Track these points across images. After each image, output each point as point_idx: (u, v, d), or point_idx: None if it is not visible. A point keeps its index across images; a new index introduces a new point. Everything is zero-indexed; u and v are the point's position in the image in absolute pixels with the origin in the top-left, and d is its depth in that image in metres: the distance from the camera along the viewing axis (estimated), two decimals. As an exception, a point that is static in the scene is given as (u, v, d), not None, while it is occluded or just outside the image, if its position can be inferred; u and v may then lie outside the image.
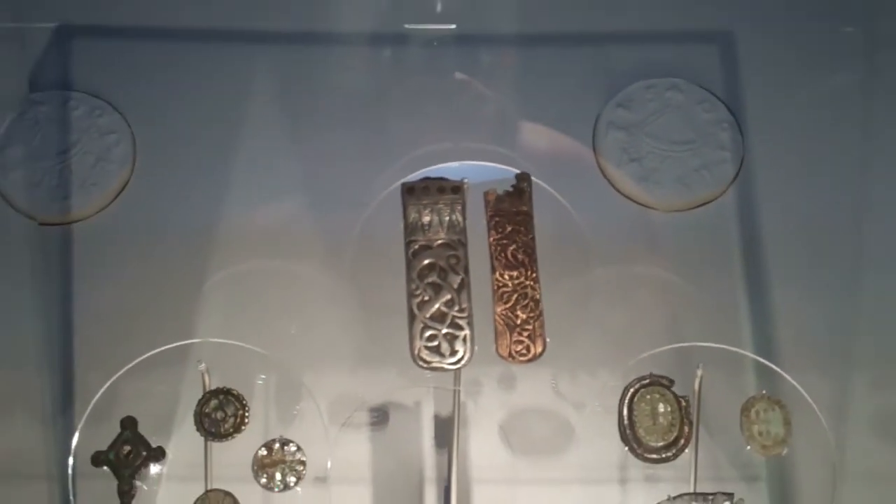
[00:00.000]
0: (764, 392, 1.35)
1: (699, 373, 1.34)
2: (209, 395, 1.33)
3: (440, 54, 1.72)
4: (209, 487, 1.33)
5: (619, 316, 1.61)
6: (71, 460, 1.36)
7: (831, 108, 1.72)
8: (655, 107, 1.64)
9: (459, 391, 1.36)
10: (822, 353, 1.54)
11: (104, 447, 1.38)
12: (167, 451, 1.36)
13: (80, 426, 1.35)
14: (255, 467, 1.33)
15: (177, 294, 1.61)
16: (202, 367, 1.35)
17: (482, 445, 1.72)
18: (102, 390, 1.35)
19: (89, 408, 1.34)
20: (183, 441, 1.46)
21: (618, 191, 1.64)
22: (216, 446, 1.35)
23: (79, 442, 1.38)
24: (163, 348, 1.35)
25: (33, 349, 1.65)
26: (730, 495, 1.33)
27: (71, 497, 1.37)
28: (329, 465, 1.55)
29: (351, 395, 1.72)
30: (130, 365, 1.34)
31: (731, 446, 1.38)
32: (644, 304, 1.64)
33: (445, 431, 1.70)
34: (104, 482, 1.37)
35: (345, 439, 1.71)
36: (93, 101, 1.65)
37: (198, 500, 1.33)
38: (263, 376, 1.43)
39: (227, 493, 1.32)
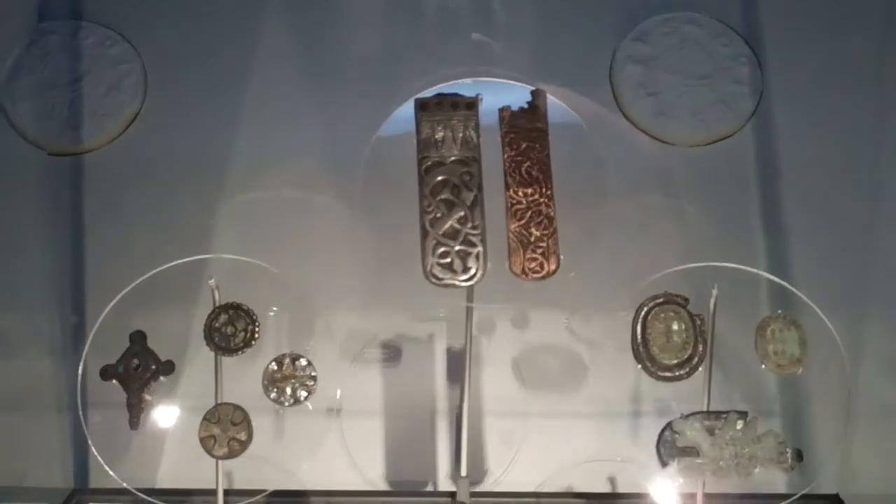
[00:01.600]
0: (780, 311, 1.32)
1: (714, 292, 1.32)
2: (219, 310, 1.32)
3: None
4: (219, 401, 1.32)
5: (634, 243, 1.60)
6: (80, 372, 1.34)
7: (851, 44, 1.69)
8: (673, 41, 1.62)
9: (472, 308, 1.33)
10: (838, 285, 1.52)
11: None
12: (176, 365, 1.33)
13: (89, 341, 1.33)
14: (266, 382, 1.32)
15: (188, 224, 1.60)
16: (212, 282, 1.34)
17: (494, 380, 1.72)
18: (112, 303, 1.33)
19: (99, 320, 1.33)
20: (193, 356, 1.45)
21: (634, 125, 1.61)
22: (226, 361, 1.33)
23: (88, 357, 1.36)
24: (173, 263, 1.33)
25: (44, 280, 1.64)
26: (743, 414, 1.31)
27: (79, 410, 1.35)
28: (338, 394, 1.54)
29: (363, 326, 1.72)
30: (142, 279, 1.33)
31: (746, 366, 1.36)
32: (659, 233, 1.63)
33: (458, 365, 1.69)
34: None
35: (357, 373, 1.70)
36: (104, 31, 1.64)
37: (208, 413, 1.31)
38: (275, 309, 1.41)
39: (238, 407, 1.31)
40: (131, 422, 1.30)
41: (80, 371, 1.35)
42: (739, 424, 1.31)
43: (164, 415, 1.65)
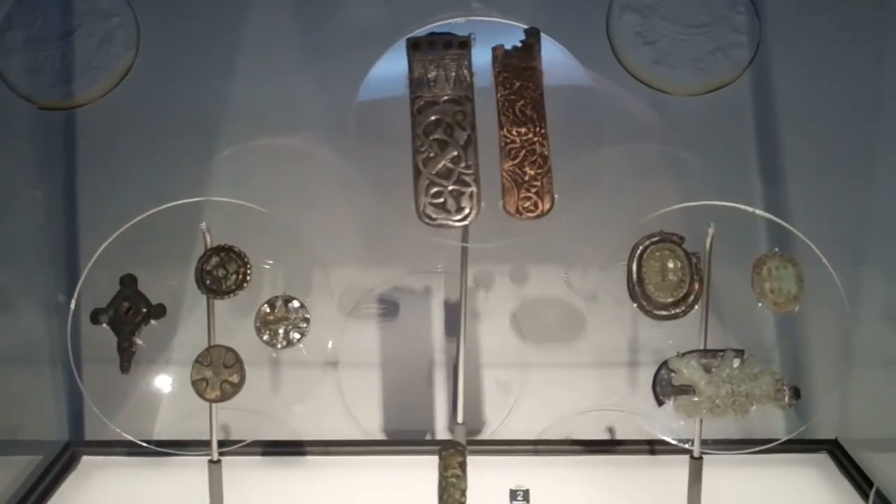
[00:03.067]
0: (776, 250, 1.31)
1: (710, 231, 1.30)
2: (210, 253, 1.31)
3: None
4: (211, 344, 1.31)
5: (630, 189, 1.58)
6: (69, 317, 1.33)
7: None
8: (670, -11, 1.60)
9: (467, 248, 1.32)
10: (836, 229, 1.50)
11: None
12: (168, 309, 1.32)
13: (79, 284, 1.31)
14: (258, 324, 1.31)
15: (181, 177, 1.59)
16: (203, 225, 1.32)
17: (492, 333, 1.71)
18: (104, 246, 1.32)
19: (89, 264, 1.32)
20: (184, 299, 1.44)
21: (631, 75, 1.60)
22: (218, 304, 1.32)
23: (80, 304, 1.35)
24: (164, 206, 1.32)
25: (36, 235, 1.63)
26: (740, 352, 1.30)
27: (70, 355, 1.34)
28: (330, 345, 1.53)
29: (361, 280, 1.70)
30: (134, 221, 1.31)
31: (742, 305, 1.34)
32: (656, 179, 1.61)
33: (455, 316, 1.68)
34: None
35: (354, 326, 1.69)
36: (94, -17, 1.61)
37: (199, 356, 1.30)
38: (270, 262, 1.40)
39: (230, 349, 1.30)
40: (122, 366, 1.29)
41: (69, 317, 1.32)
42: (736, 362, 1.30)
43: (157, 360, 1.65)
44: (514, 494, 1.50)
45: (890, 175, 1.60)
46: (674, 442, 1.38)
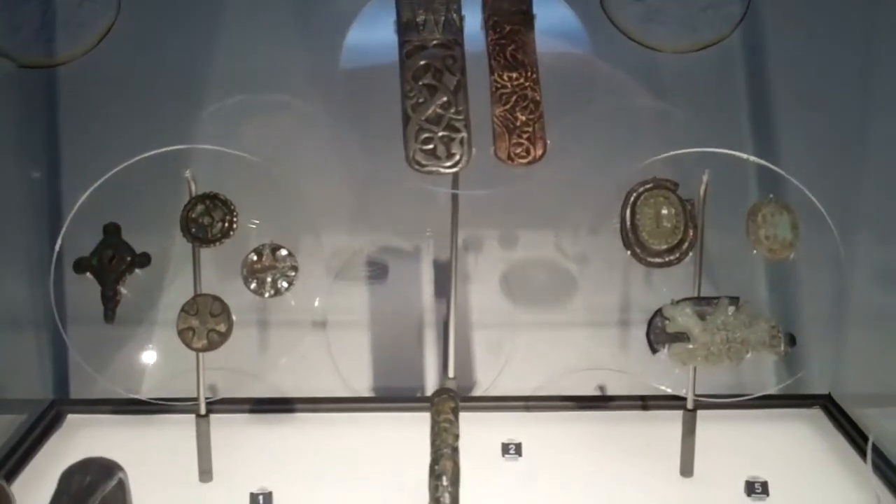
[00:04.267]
0: (771, 196, 1.29)
1: (705, 178, 1.28)
2: (195, 201, 1.28)
3: None
4: (198, 292, 1.28)
5: (621, 142, 1.55)
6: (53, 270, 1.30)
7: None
8: (661, -56, 1.58)
9: (457, 195, 1.30)
10: (829, 189, 1.48)
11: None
12: (153, 257, 1.29)
13: (62, 233, 1.28)
14: (245, 273, 1.28)
15: (165, 135, 1.55)
16: (188, 174, 1.30)
17: (483, 294, 1.69)
18: (86, 195, 1.29)
19: (72, 213, 1.28)
20: (170, 248, 1.41)
21: (622, 32, 1.57)
22: (205, 253, 1.29)
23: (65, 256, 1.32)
24: (147, 154, 1.29)
25: (19, 196, 1.60)
26: (735, 299, 1.28)
27: (53, 307, 1.31)
28: (317, 302, 1.51)
29: (350, 240, 1.68)
30: (117, 169, 1.29)
31: (737, 253, 1.33)
32: (648, 135, 1.59)
33: (445, 278, 1.66)
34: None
35: (344, 287, 1.67)
36: (76, -62, 1.58)
37: (186, 304, 1.28)
38: (256, 221, 1.37)
39: (216, 298, 1.28)
40: (106, 315, 1.26)
41: (51, 267, 1.30)
42: (731, 309, 1.29)
43: (143, 321, 1.63)
44: (505, 447, 1.48)
45: (884, 127, 1.58)
46: (668, 390, 1.35)
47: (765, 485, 1.36)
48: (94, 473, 1.00)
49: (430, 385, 1.69)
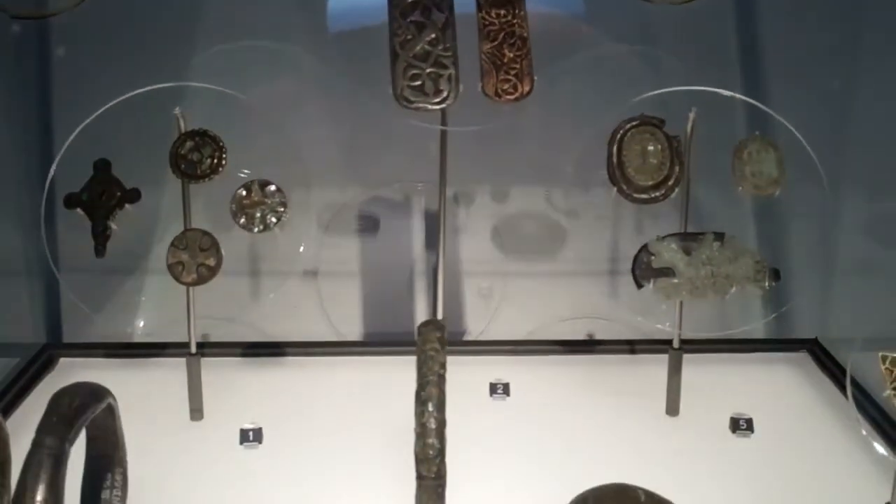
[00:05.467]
0: (757, 133, 1.30)
1: (691, 115, 1.29)
2: (184, 137, 1.29)
3: None
4: (187, 227, 1.29)
5: (609, 87, 1.56)
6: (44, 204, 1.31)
7: None
8: None
9: (446, 132, 1.30)
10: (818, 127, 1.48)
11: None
12: (143, 193, 1.30)
13: (53, 167, 1.29)
14: (234, 208, 1.29)
15: (157, 80, 1.55)
16: (177, 111, 1.30)
17: (473, 245, 1.70)
18: (76, 133, 1.29)
19: (62, 150, 1.29)
20: (160, 184, 1.42)
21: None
22: (194, 188, 1.30)
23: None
24: (140, 90, 1.29)
25: (12, 148, 1.60)
26: (720, 234, 1.29)
27: (45, 245, 1.32)
28: (301, 248, 1.51)
29: (340, 192, 1.68)
30: (106, 107, 1.29)
31: (723, 190, 1.34)
32: (637, 80, 1.59)
33: (435, 229, 1.66)
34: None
35: (335, 239, 1.67)
36: None
37: (175, 239, 1.29)
38: (247, 171, 1.38)
39: (206, 233, 1.29)
40: (97, 250, 1.27)
41: (42, 201, 1.30)
42: (716, 245, 1.29)
43: (134, 269, 1.63)
44: (493, 387, 1.49)
45: (872, 75, 1.58)
46: (661, 326, 1.36)
47: (749, 421, 1.37)
48: (84, 396, 1.01)
49: (420, 331, 1.69)
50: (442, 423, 1.09)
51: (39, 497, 0.89)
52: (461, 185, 1.71)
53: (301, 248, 1.58)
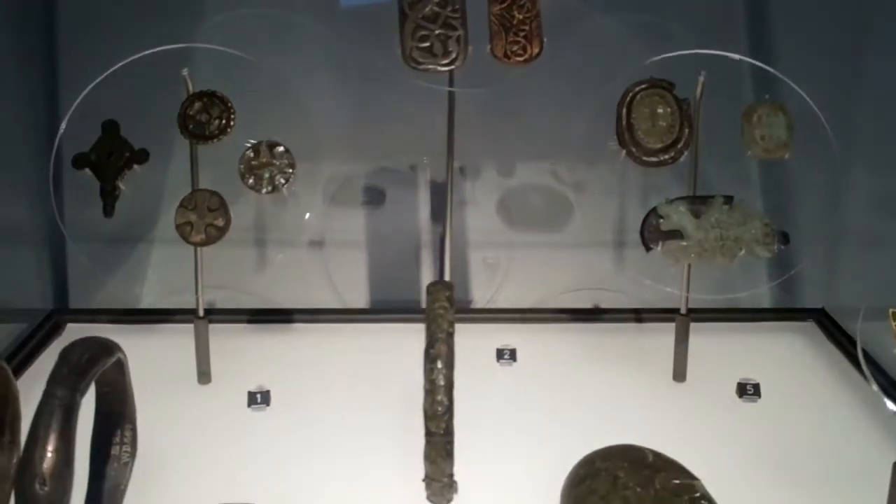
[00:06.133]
0: (767, 97, 1.29)
1: (701, 79, 1.29)
2: (193, 98, 1.29)
3: None
4: (195, 188, 1.29)
5: (617, 54, 1.55)
6: (52, 166, 1.31)
7: None
8: None
9: (454, 93, 1.30)
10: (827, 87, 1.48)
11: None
12: (151, 156, 1.30)
13: (62, 127, 1.28)
14: (243, 169, 1.29)
15: (165, 37, 1.54)
16: (185, 72, 1.30)
17: (480, 217, 1.69)
18: (85, 92, 1.29)
19: (70, 111, 1.28)
20: (169, 144, 1.41)
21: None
22: (202, 149, 1.30)
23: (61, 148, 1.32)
24: (148, 51, 1.29)
25: (16, 105, 1.59)
26: (729, 198, 1.29)
27: (53, 205, 1.32)
28: (307, 216, 1.51)
29: (346, 163, 1.67)
30: (115, 67, 1.28)
31: (732, 154, 1.33)
32: (645, 47, 1.58)
33: (442, 200, 1.66)
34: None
35: (340, 210, 1.67)
36: None
37: (184, 199, 1.29)
38: (252, 141, 1.37)
39: (214, 193, 1.29)
40: (105, 210, 1.27)
41: (52, 157, 1.30)
42: (725, 208, 1.29)
43: (141, 238, 1.63)
44: (500, 353, 1.49)
45: (883, 41, 1.57)
46: (669, 290, 1.35)
47: (757, 387, 1.37)
48: (94, 349, 1.01)
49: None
50: (450, 381, 1.10)
51: (51, 447, 0.89)
52: (467, 158, 1.70)
53: (307, 216, 1.58)
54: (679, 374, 1.42)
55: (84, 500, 1.07)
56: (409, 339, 1.28)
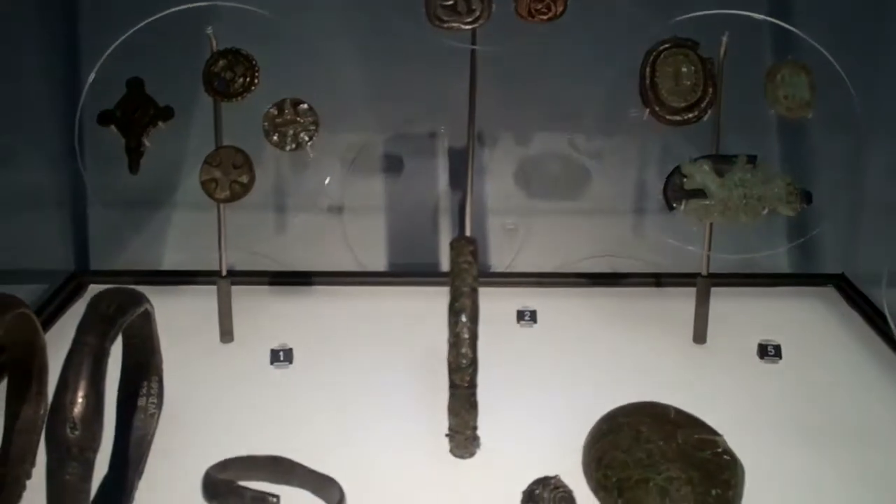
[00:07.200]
0: (790, 57, 1.29)
1: (724, 39, 1.28)
2: (217, 56, 1.29)
3: None
4: (220, 144, 1.29)
5: (640, 17, 1.54)
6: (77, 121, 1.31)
7: None
8: None
9: (476, 53, 1.30)
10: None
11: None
12: (176, 113, 1.30)
13: (90, 78, 1.29)
14: (267, 126, 1.29)
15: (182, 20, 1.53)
16: (209, 30, 1.30)
17: (498, 184, 1.69)
18: (109, 50, 1.29)
19: (95, 69, 1.29)
20: (191, 105, 1.41)
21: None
22: (227, 107, 1.30)
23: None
24: (170, 11, 1.28)
25: (38, 72, 1.59)
26: (753, 157, 1.29)
27: (78, 159, 1.32)
28: (327, 181, 1.51)
29: (364, 131, 1.67)
30: (137, 27, 1.28)
31: (755, 115, 1.33)
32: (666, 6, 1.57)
33: (459, 168, 1.66)
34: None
35: (358, 177, 1.67)
36: None
37: (209, 156, 1.29)
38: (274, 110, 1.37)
39: (239, 150, 1.29)
40: (130, 167, 1.28)
41: (77, 115, 1.30)
42: (749, 167, 1.29)
43: (163, 202, 1.64)
44: (521, 314, 1.50)
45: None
46: (687, 247, 1.36)
47: (778, 348, 1.37)
48: (122, 298, 1.02)
49: (445, 263, 1.70)
50: (475, 334, 1.10)
51: (81, 393, 0.89)
52: (485, 126, 1.69)
53: (327, 180, 1.58)
54: (699, 336, 1.42)
55: (111, 450, 1.07)
56: (430, 302, 1.29)
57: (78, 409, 0.88)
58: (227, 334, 1.41)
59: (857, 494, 1.10)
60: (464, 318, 1.10)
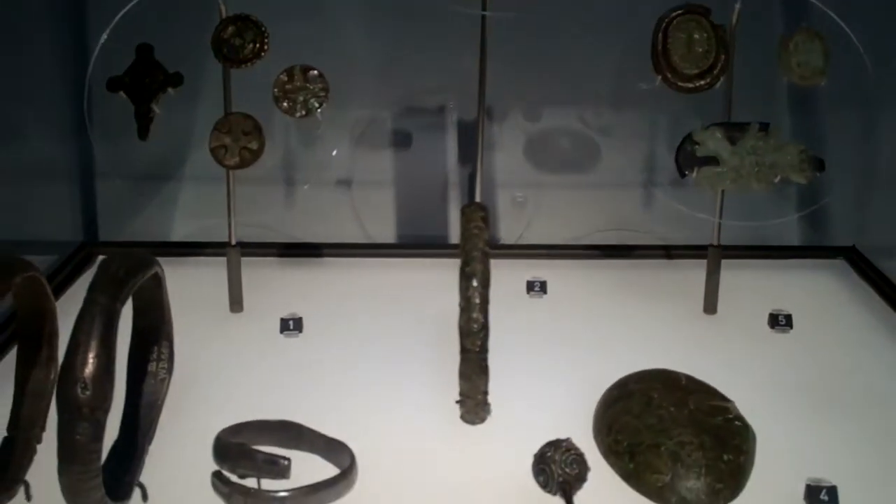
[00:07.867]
0: (804, 24, 1.28)
1: (737, 6, 1.27)
2: (226, 22, 1.28)
3: None
4: (230, 111, 1.28)
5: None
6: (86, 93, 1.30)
7: None
8: None
9: (486, 19, 1.29)
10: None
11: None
12: (186, 79, 1.29)
13: (94, 56, 1.28)
14: (277, 92, 1.28)
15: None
16: (220, -4, 1.28)
17: (507, 158, 1.68)
18: (117, 18, 1.28)
19: (103, 36, 1.28)
20: (202, 68, 1.41)
21: None
22: (236, 73, 1.30)
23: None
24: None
25: (46, 42, 1.58)
26: (765, 124, 1.28)
27: (87, 125, 1.31)
28: (334, 153, 1.50)
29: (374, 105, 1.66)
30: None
31: (768, 83, 1.32)
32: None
33: (468, 142, 1.65)
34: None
35: (367, 151, 1.66)
36: None
37: (218, 123, 1.28)
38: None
39: (248, 116, 1.28)
40: (139, 132, 1.27)
41: (86, 83, 1.30)
42: (761, 134, 1.28)
43: (171, 176, 1.63)
44: (531, 285, 1.49)
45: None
46: (702, 216, 1.35)
47: (788, 317, 1.37)
48: (133, 261, 1.02)
49: (454, 235, 1.69)
50: (486, 298, 1.10)
51: (92, 353, 0.89)
52: (494, 100, 1.68)
53: (335, 152, 1.58)
54: (710, 306, 1.42)
55: (121, 414, 1.07)
56: (438, 273, 1.29)
57: (89, 370, 0.87)
58: (236, 303, 1.41)
59: (865, 461, 1.09)
60: (475, 283, 1.10)
